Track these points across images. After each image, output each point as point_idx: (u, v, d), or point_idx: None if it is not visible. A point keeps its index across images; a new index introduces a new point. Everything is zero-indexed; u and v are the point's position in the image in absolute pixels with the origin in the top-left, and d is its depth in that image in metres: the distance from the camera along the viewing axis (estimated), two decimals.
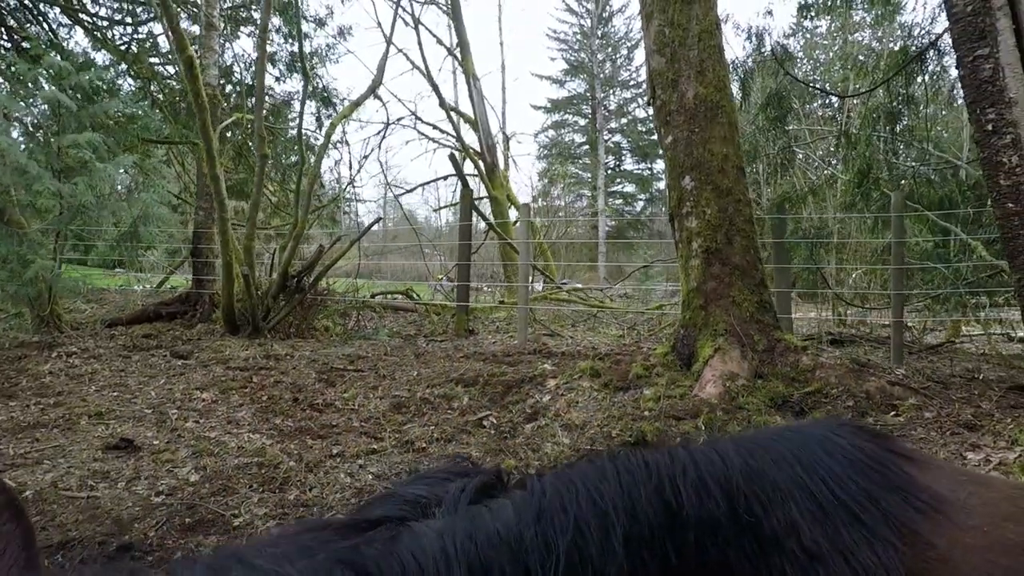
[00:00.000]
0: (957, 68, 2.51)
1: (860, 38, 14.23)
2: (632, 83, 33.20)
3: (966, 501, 1.09)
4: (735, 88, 6.59)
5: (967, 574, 0.94)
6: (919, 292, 6.40)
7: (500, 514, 0.78)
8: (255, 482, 3.11)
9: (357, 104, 7.84)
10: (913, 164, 7.29)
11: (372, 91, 7.95)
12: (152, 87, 11.65)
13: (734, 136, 4.38)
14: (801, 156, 9.11)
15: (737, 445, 1.04)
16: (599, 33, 33.71)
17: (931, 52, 5.93)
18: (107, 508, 2.83)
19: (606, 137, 33.85)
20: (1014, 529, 1.02)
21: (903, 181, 6.68)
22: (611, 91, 33.99)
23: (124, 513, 2.78)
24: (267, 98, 11.49)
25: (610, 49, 33.86)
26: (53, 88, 6.13)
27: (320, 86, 11.94)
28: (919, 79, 6.23)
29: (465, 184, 10.18)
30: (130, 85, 11.37)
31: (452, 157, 11.23)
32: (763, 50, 6.59)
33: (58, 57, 6.53)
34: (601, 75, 33.66)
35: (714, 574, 0.88)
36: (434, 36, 13.00)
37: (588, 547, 0.79)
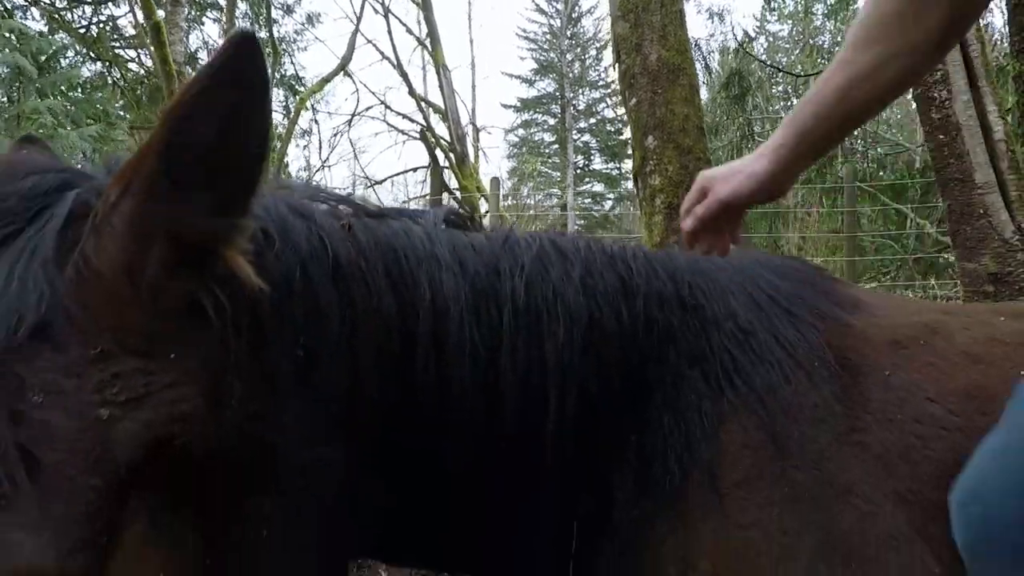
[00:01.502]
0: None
1: (821, 41, 14.78)
2: (601, 83, 33.64)
3: (879, 302, 1.26)
4: (698, 68, 6.83)
5: (874, 337, 1.09)
6: (872, 259, 6.73)
7: (472, 235, 0.89)
8: None
9: (327, 80, 7.87)
10: (865, 146, 7.65)
11: (342, 67, 7.99)
12: (114, 73, 11.45)
13: (694, 97, 4.58)
14: (760, 132, 9.48)
15: (684, 255, 1.18)
16: (568, 33, 34.05)
17: None
18: None
19: (575, 136, 34.21)
20: (915, 311, 1.18)
21: (856, 154, 7.01)
22: (580, 91, 34.37)
23: None
24: None
25: (579, 49, 34.25)
26: (15, 52, 6.04)
27: (289, 73, 11.91)
28: None
29: (435, 162, 10.26)
30: (90, 71, 11.17)
31: (423, 134, 11.31)
32: (723, 30, 6.85)
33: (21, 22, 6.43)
34: (570, 75, 34.01)
35: (662, 340, 1.00)
36: (403, 25, 13.04)
37: (549, 272, 0.91)
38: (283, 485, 0.61)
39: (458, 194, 13.22)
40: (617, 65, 4.74)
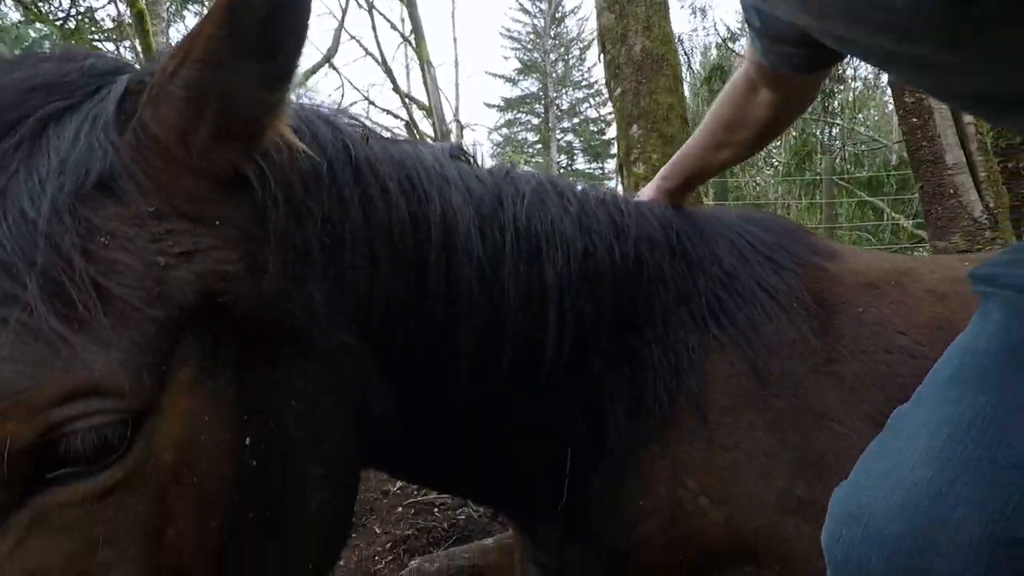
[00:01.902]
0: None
1: None
2: (584, 83, 33.79)
3: (855, 253, 1.35)
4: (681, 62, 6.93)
5: (849, 280, 1.17)
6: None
7: (477, 169, 0.95)
8: None
9: (311, 72, 7.87)
10: (843, 144, 7.84)
11: (327, 60, 7.98)
12: None
13: (678, 87, 4.68)
14: None
15: (673, 208, 1.26)
16: (552, 33, 34.15)
17: None
18: None
19: (559, 136, 34.33)
20: (887, 259, 1.28)
21: (834, 149, 7.19)
22: (564, 91, 34.50)
23: None
24: None
25: (563, 49, 34.36)
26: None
27: None
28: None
29: None
30: None
31: (407, 130, 11.30)
32: (706, 25, 6.97)
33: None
34: (554, 75, 34.11)
35: (652, 279, 1.07)
36: (388, 21, 13.03)
37: (547, 204, 0.97)
38: (312, 363, 0.66)
39: None
40: (602, 56, 4.83)
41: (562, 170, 34.14)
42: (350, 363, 0.72)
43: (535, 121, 35.19)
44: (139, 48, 6.03)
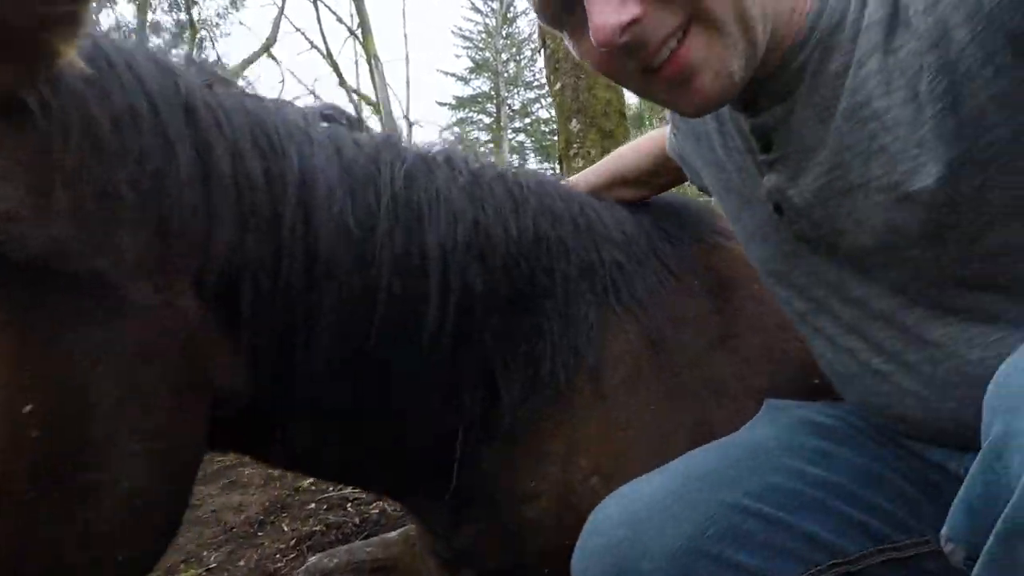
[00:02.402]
0: None
1: None
2: (536, 83, 33.95)
3: None
4: None
5: (738, 250, 1.18)
6: None
7: (356, 133, 0.90)
8: None
9: (249, 62, 7.61)
10: None
11: (266, 49, 7.73)
12: None
13: None
14: None
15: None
16: (504, 33, 34.19)
17: None
18: None
19: (510, 136, 34.40)
20: None
21: None
22: (515, 91, 34.59)
23: None
24: None
25: (514, 49, 34.44)
26: None
27: (212, 58, 11.41)
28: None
29: None
30: None
31: None
32: None
33: None
34: (505, 74, 34.15)
35: (553, 253, 1.03)
36: (334, 14, 12.76)
37: (434, 172, 0.92)
38: (127, 324, 0.59)
39: None
40: (543, 50, 4.82)
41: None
42: (181, 325, 0.65)
43: (487, 120, 35.14)
44: None
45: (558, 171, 4.82)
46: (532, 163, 35.07)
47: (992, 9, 0.51)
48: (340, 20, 14.21)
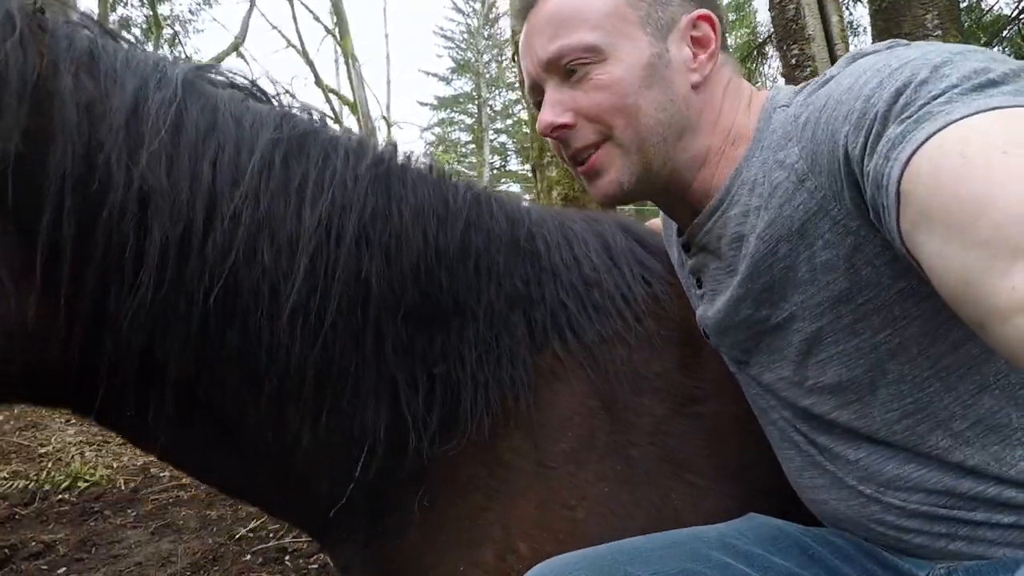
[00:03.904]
0: (769, 10, 2.86)
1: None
2: (517, 84, 33.91)
3: None
4: None
5: None
6: None
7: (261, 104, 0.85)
8: (73, 419, 2.79)
9: (219, 60, 7.38)
10: None
11: (235, 47, 7.51)
12: None
13: None
14: None
15: (551, 210, 1.11)
16: (485, 34, 34.10)
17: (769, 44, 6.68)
18: None
19: (492, 137, 34.31)
20: None
21: None
22: (497, 91, 34.51)
23: None
24: None
25: (496, 50, 34.36)
26: None
27: (182, 55, 11.11)
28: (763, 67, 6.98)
29: None
30: None
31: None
32: None
33: None
34: (487, 75, 34.06)
35: (481, 273, 0.91)
36: (311, 12, 12.53)
37: (331, 157, 0.84)
38: None
39: None
40: (516, 57, 4.68)
41: (495, 171, 34.12)
42: None
43: (468, 121, 35.07)
44: None
45: (532, 178, 4.68)
46: (514, 164, 35.06)
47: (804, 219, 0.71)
48: (316, 19, 13.97)
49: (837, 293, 0.71)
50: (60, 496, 2.18)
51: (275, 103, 0.87)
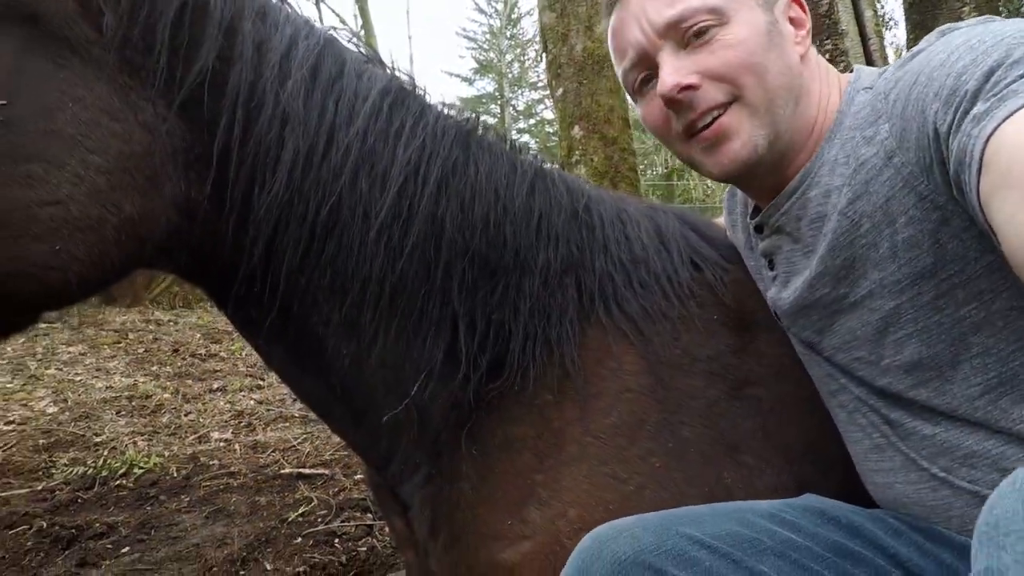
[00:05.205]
0: None
1: None
2: (540, 84, 33.83)
3: None
4: None
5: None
6: None
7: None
8: (123, 411, 2.92)
9: None
10: None
11: None
12: None
13: (620, 89, 4.60)
14: None
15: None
16: (508, 34, 34.10)
17: None
18: None
19: (515, 137, 34.18)
20: None
21: None
22: (519, 91, 34.48)
23: None
24: None
25: (519, 50, 34.33)
26: None
27: None
28: None
29: None
30: None
31: None
32: None
33: None
34: (510, 75, 34.06)
35: (541, 231, 0.97)
36: (336, 15, 12.71)
37: (426, 110, 0.95)
38: (99, 85, 0.76)
39: None
40: (544, 55, 4.72)
41: None
42: (145, 114, 0.78)
43: (491, 121, 34.87)
44: None
45: None
46: None
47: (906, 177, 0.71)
48: (343, 21, 14.16)
49: (919, 269, 0.71)
50: (117, 482, 2.29)
51: (387, 70, 1.01)
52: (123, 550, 1.83)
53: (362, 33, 14.23)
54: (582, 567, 0.73)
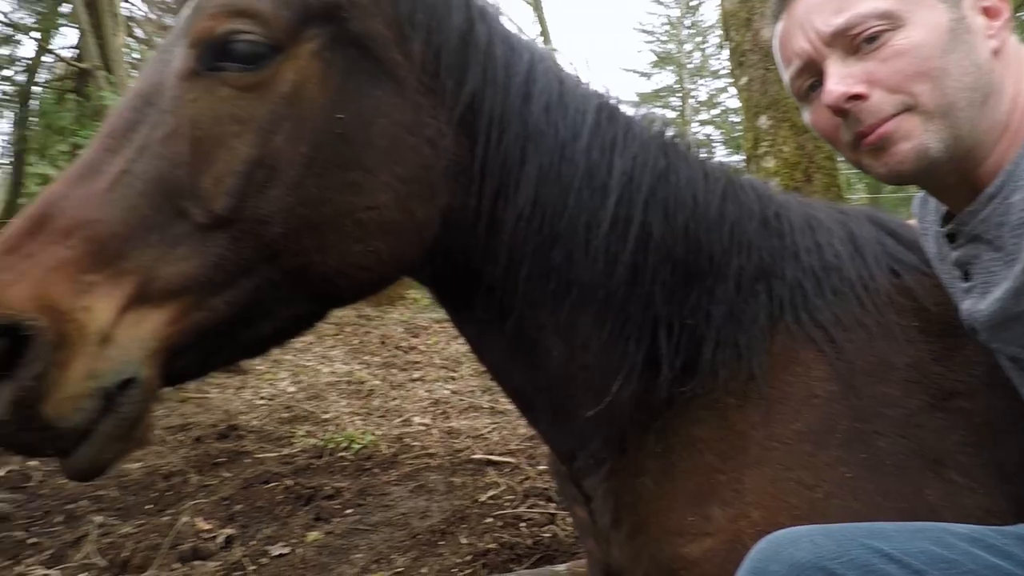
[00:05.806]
0: None
1: None
2: (723, 71, 32.04)
3: None
4: None
5: None
6: None
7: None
8: (343, 393, 3.41)
9: None
10: None
11: None
12: None
13: None
14: None
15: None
16: (687, 23, 32.79)
17: None
18: (218, 405, 3.22)
19: (696, 129, 32.86)
20: None
21: None
22: (701, 81, 32.98)
23: (232, 408, 3.15)
24: None
25: (699, 39, 32.85)
26: None
27: None
28: None
29: None
30: None
31: None
32: None
33: None
34: (690, 65, 32.72)
35: (733, 237, 0.99)
36: (516, 25, 13.22)
37: (633, 121, 1.01)
38: (404, 105, 0.86)
39: None
40: (726, 42, 4.51)
41: None
42: (435, 128, 0.88)
43: (671, 115, 33.97)
44: None
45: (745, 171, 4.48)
46: (721, 155, 33.17)
47: None
48: (521, 31, 14.70)
49: None
50: (340, 454, 2.69)
51: (590, 84, 1.08)
52: (347, 511, 2.17)
53: (541, 39, 14.66)
54: (758, 568, 0.73)
